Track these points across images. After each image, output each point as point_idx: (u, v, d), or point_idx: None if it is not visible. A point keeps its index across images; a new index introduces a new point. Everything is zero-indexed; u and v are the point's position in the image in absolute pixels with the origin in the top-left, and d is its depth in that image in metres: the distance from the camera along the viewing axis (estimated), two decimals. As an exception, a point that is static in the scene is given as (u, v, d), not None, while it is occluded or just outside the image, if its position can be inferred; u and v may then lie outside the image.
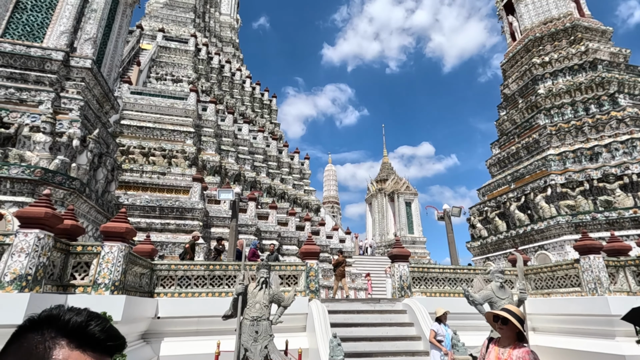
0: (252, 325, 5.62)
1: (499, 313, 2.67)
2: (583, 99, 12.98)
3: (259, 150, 24.32)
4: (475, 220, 15.15)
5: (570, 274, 8.09)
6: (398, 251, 8.82)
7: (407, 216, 32.87)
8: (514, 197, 13.13)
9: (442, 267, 9.03)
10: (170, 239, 14.12)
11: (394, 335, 7.30)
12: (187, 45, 26.10)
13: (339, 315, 7.58)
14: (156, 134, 18.56)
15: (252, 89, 30.37)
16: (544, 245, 11.61)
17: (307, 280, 7.99)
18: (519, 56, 15.92)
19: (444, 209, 10.18)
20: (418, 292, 8.64)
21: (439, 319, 6.35)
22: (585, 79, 13.17)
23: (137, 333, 6.57)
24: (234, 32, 37.47)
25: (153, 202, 14.64)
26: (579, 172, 11.50)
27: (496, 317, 2.70)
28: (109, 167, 9.55)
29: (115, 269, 5.34)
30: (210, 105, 21.57)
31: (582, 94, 13.18)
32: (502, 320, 2.64)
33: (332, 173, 52.08)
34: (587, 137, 12.25)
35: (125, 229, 5.50)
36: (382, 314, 7.92)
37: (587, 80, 13.10)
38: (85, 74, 8.71)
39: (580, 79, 13.37)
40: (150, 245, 7.60)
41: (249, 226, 17.43)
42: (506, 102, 16.10)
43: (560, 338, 8.04)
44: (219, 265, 7.76)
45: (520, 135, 14.42)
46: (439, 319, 6.35)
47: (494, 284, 7.04)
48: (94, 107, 9.37)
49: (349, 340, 6.91)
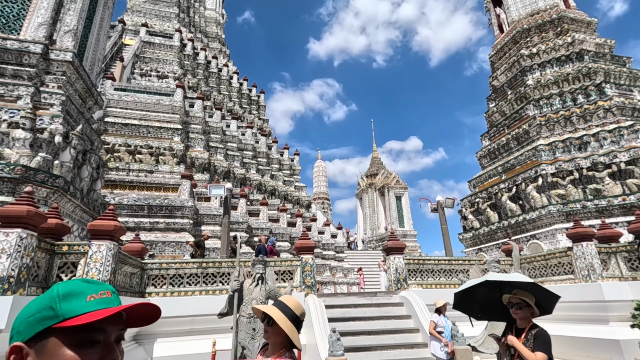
0: (249, 322, 5.47)
1: (262, 309, 1.80)
2: (571, 89, 13.14)
3: (248, 146, 24.02)
4: (467, 211, 15.25)
5: (564, 262, 8.16)
6: (393, 244, 8.76)
7: (397, 210, 33.02)
8: (505, 187, 13.24)
9: (438, 258, 9.02)
10: (159, 237, 13.80)
11: (392, 328, 7.24)
12: (172, 41, 25.50)
13: (336, 309, 7.48)
14: (142, 132, 18.11)
15: (239, 85, 29.95)
16: (536, 235, 11.75)
17: (303, 276, 7.86)
18: (507, 48, 16.02)
19: (437, 201, 10.16)
20: (414, 284, 8.61)
21: (439, 310, 6.29)
22: (573, 70, 13.33)
23: (128, 334, 6.35)
24: (219, 28, 36.83)
25: (141, 200, 14.28)
26: (569, 161, 11.64)
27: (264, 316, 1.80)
28: (94, 164, 9.21)
29: (105, 268, 5.11)
30: (198, 102, 21.15)
31: (570, 85, 13.34)
32: (268, 320, 1.76)
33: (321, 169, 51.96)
34: (575, 127, 12.41)
35: (114, 226, 5.27)
36: (380, 307, 7.86)
37: (574, 70, 13.26)
38: (66, 67, 8.34)
39: (568, 70, 13.52)
40: (140, 244, 7.35)
41: (240, 223, 17.20)
42: (495, 93, 16.21)
43: (555, 325, 8.10)
44: (212, 263, 7.57)
45: (510, 126, 14.53)
46: (439, 310, 6.29)
47: (491, 273, 7.04)
48: (77, 103, 9.00)
49: (347, 335, 6.83)
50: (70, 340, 0.72)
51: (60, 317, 0.73)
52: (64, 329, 0.72)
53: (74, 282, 0.80)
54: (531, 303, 2.64)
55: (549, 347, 2.52)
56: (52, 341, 0.72)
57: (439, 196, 10.21)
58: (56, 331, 0.73)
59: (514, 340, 2.60)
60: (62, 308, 0.74)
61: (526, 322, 2.68)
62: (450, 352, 5.87)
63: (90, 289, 0.78)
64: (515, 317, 2.70)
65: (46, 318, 0.73)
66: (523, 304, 2.65)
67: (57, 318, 0.73)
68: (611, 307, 7.08)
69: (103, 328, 0.75)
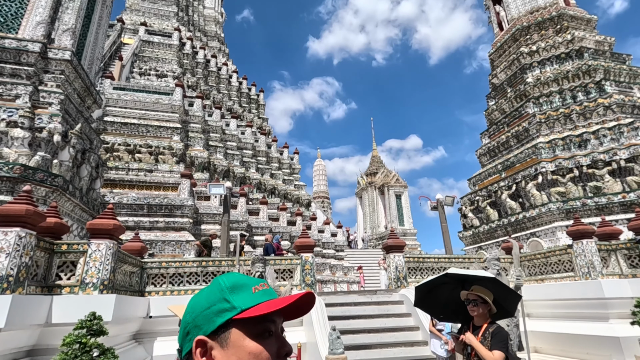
0: (249, 320, 5.47)
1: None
2: (570, 87, 13.12)
3: (248, 145, 23.99)
4: (466, 210, 15.24)
5: (564, 259, 8.16)
6: (393, 242, 8.76)
7: (397, 208, 33.02)
8: (505, 185, 13.23)
9: (438, 256, 9.02)
10: (159, 237, 13.79)
11: (392, 326, 7.24)
12: (171, 40, 25.43)
13: (336, 308, 7.48)
14: (142, 131, 18.09)
15: (238, 83, 29.88)
16: (535, 233, 11.75)
17: (303, 274, 7.86)
18: (507, 46, 15.99)
19: (437, 199, 10.15)
20: (414, 282, 8.61)
21: None
22: (572, 67, 13.31)
23: (128, 333, 6.35)
24: (218, 26, 36.75)
25: (140, 199, 14.26)
26: (569, 159, 11.63)
27: None
28: (93, 163, 9.20)
29: (104, 267, 5.10)
30: (197, 101, 21.12)
31: (570, 82, 13.32)
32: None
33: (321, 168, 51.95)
34: (575, 124, 12.40)
35: (113, 225, 5.26)
36: (379, 306, 7.86)
37: (574, 68, 13.23)
38: (64, 66, 8.31)
39: (568, 67, 13.50)
40: (140, 243, 7.34)
41: (240, 222, 17.19)
42: (495, 91, 16.19)
43: (555, 323, 8.12)
44: (212, 262, 7.56)
45: (509, 124, 14.52)
46: None
47: (491, 271, 7.05)
48: (75, 102, 8.98)
49: (347, 333, 6.83)
50: (251, 330, 0.73)
51: (237, 308, 0.74)
52: (245, 320, 0.73)
53: (233, 275, 0.81)
54: (488, 300, 2.59)
55: (506, 345, 2.48)
56: (234, 332, 0.73)
57: (439, 194, 10.21)
58: (237, 323, 0.74)
59: (471, 338, 2.55)
60: (235, 300, 0.74)
61: (483, 319, 2.62)
62: (451, 349, 5.86)
63: (250, 281, 0.80)
64: (472, 314, 2.64)
65: (224, 310, 0.74)
66: (479, 300, 2.59)
67: (235, 310, 0.74)
68: (611, 304, 7.07)
69: (274, 319, 0.76)
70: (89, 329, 3.57)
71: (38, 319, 4.58)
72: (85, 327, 3.55)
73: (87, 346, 3.41)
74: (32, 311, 4.44)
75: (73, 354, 3.33)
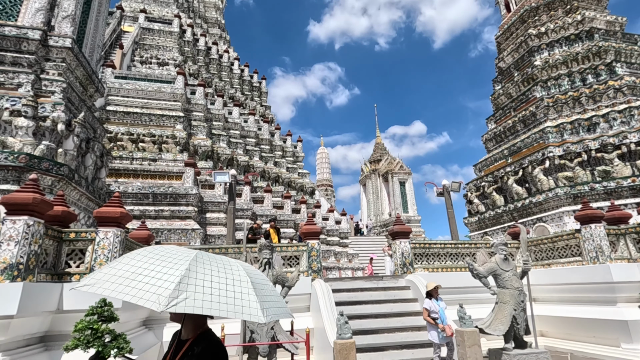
0: (258, 306, 5.50)
1: None
2: (580, 69, 12.83)
3: (251, 133, 23.89)
4: (472, 195, 15.16)
5: (571, 244, 8.11)
6: (399, 228, 8.73)
7: (401, 196, 32.97)
8: (512, 170, 13.10)
9: (444, 242, 9.00)
10: (165, 225, 13.87)
11: (399, 312, 7.28)
12: (171, 27, 25.11)
13: (342, 293, 7.51)
14: (144, 120, 18.03)
15: (240, 71, 29.58)
16: (542, 218, 11.68)
17: (309, 261, 7.88)
18: (514, 28, 15.61)
19: (443, 185, 10.07)
20: (420, 268, 8.62)
21: (430, 294, 6.10)
22: (582, 49, 12.98)
23: (138, 320, 6.42)
24: (219, 13, 36.17)
25: (145, 188, 14.30)
26: (577, 143, 11.45)
27: None
28: (98, 152, 9.18)
29: (112, 255, 5.11)
30: (199, 89, 20.95)
31: (579, 64, 13.02)
32: None
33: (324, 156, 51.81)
34: (584, 107, 12.16)
35: (120, 213, 5.25)
36: (386, 291, 7.88)
37: (584, 50, 12.91)
38: (65, 54, 8.21)
39: (577, 49, 13.17)
40: (147, 231, 7.36)
41: (245, 210, 17.24)
42: (501, 75, 15.89)
43: (562, 307, 8.13)
44: (219, 249, 7.58)
45: (516, 108, 14.28)
46: (430, 294, 6.10)
47: (498, 256, 7.01)
48: (78, 90, 8.91)
49: (354, 318, 6.86)
50: None
51: None
52: None
53: None
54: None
55: None
56: None
57: (445, 180, 10.13)
58: None
59: None
60: None
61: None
62: (449, 334, 5.79)
63: None
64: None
65: None
66: None
67: None
68: (619, 288, 7.04)
69: None
70: (100, 315, 3.59)
71: (49, 306, 4.62)
72: (96, 313, 3.56)
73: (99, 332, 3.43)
74: (43, 298, 4.48)
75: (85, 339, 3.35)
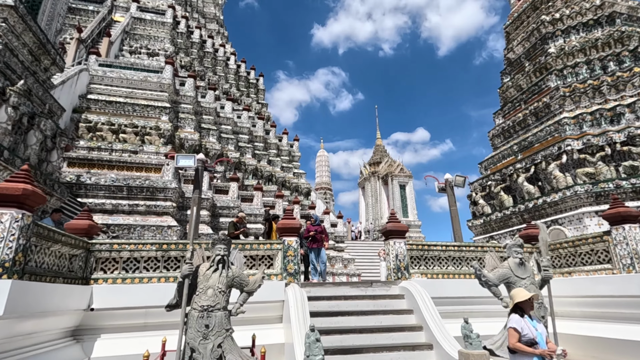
0: (201, 317, 4.23)
1: None
2: (600, 56, 11.60)
3: (244, 130, 22.74)
4: (477, 196, 13.84)
5: (598, 249, 6.81)
6: (393, 226, 7.47)
7: (401, 199, 31.63)
8: (522, 167, 11.80)
9: (446, 244, 7.71)
10: (139, 221, 12.63)
11: (390, 325, 5.98)
12: (164, 17, 24.12)
13: (322, 302, 6.22)
14: (127, 110, 16.93)
15: (236, 66, 28.54)
16: (558, 220, 10.36)
17: (285, 261, 6.62)
18: (525, 16, 14.42)
19: (445, 179, 8.82)
20: (417, 273, 7.33)
21: (519, 309, 3.62)
22: (603, 35, 11.77)
23: (59, 329, 5.16)
24: (218, 9, 35.32)
25: (120, 181, 13.09)
26: (599, 135, 10.17)
27: None
28: (48, 132, 7.98)
29: (6, 244, 3.87)
30: (189, 80, 19.86)
31: (599, 52, 11.80)
32: None
33: (324, 159, 50.69)
34: (605, 97, 10.90)
35: (23, 190, 4.02)
36: (375, 300, 6.59)
37: (605, 35, 11.69)
38: (7, 13, 7.04)
39: (597, 35, 11.96)
40: (88, 221, 6.12)
41: (231, 209, 16.04)
42: (510, 67, 14.66)
43: (586, 324, 6.80)
44: (175, 245, 6.34)
45: (527, 100, 13.03)
46: (519, 309, 3.62)
47: (512, 260, 5.71)
48: (25, 58, 7.74)
49: (333, 333, 5.58)
50: None
51: None
52: None
53: None
54: None
55: None
56: None
57: (448, 174, 8.88)
58: None
59: None
60: None
61: None
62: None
63: None
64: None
65: None
66: None
67: None
68: (661, 303, 5.74)
69: None
70: None
71: None
72: None
73: None
74: None
75: None
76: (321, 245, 9.09)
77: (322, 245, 9.09)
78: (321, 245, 9.08)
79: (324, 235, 9.18)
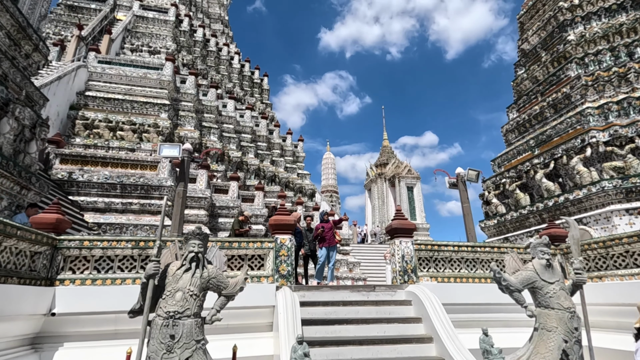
0: (166, 325, 3.51)
1: None
2: (625, 42, 10.72)
3: (247, 129, 22.18)
4: (490, 195, 12.97)
5: (635, 250, 5.96)
6: (399, 223, 6.72)
7: (408, 201, 30.70)
8: (540, 163, 10.91)
9: (458, 244, 6.92)
10: (132, 220, 12.06)
11: (395, 336, 5.20)
12: (167, 15, 23.81)
13: (317, 308, 5.47)
14: (126, 107, 16.50)
15: (240, 66, 28.07)
16: (582, 219, 9.45)
17: (277, 262, 5.90)
18: (541, 4, 13.57)
19: (457, 174, 8.04)
20: (426, 276, 6.55)
21: None
22: (628, 19, 10.89)
23: (22, 337, 4.52)
24: (223, 9, 35.05)
25: (113, 178, 12.55)
26: (628, 126, 9.27)
27: None
28: (27, 121, 7.43)
29: None
30: (190, 77, 19.38)
31: (624, 38, 10.92)
32: None
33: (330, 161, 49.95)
34: (633, 85, 10.01)
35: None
36: (378, 306, 5.82)
37: (630, 20, 10.82)
38: (-21, -9, 6.51)
39: (621, 20, 11.08)
40: (56, 215, 5.49)
41: (230, 208, 15.44)
42: (525, 58, 13.80)
43: (621, 336, 5.95)
44: (153, 242, 5.66)
45: (544, 92, 12.15)
46: None
47: (537, 261, 4.87)
48: (2, 41, 7.20)
49: (329, 345, 4.83)
50: None
51: None
52: None
53: None
54: None
55: None
56: None
57: (459, 168, 8.10)
58: None
59: None
60: None
61: None
62: None
63: None
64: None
65: None
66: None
67: None
68: None
69: None
70: None
71: None
72: None
73: None
74: None
75: None
76: (333, 243, 8.16)
77: (333, 243, 8.16)
78: (333, 242, 8.15)
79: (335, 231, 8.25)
